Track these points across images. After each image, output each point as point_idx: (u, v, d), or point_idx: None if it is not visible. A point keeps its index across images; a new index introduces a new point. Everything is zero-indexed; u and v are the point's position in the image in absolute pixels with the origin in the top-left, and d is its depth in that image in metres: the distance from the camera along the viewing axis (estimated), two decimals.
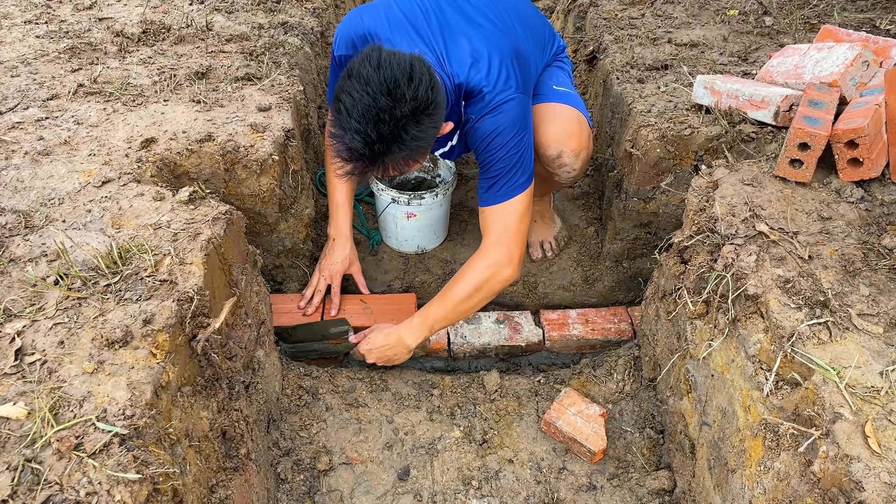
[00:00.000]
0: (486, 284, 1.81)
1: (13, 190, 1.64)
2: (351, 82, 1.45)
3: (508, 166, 1.73)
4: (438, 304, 1.87)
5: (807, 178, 1.64)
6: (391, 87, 1.42)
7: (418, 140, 1.49)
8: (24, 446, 1.04)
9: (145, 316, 1.27)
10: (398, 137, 1.46)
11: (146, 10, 2.75)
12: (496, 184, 1.75)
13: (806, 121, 1.63)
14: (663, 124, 1.98)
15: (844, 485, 1.07)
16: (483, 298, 1.85)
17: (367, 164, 1.51)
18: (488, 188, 1.77)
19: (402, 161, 1.53)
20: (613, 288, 2.37)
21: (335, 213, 2.14)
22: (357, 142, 1.45)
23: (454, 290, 1.84)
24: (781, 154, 1.66)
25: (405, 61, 1.45)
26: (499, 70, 1.70)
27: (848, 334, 1.27)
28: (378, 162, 1.50)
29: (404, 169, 1.60)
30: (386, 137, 1.45)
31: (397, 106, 1.43)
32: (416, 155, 1.54)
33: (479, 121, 1.71)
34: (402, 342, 1.91)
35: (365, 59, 1.46)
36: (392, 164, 1.53)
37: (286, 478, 1.77)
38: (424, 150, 1.57)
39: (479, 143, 1.73)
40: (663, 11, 2.79)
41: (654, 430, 1.88)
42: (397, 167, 1.56)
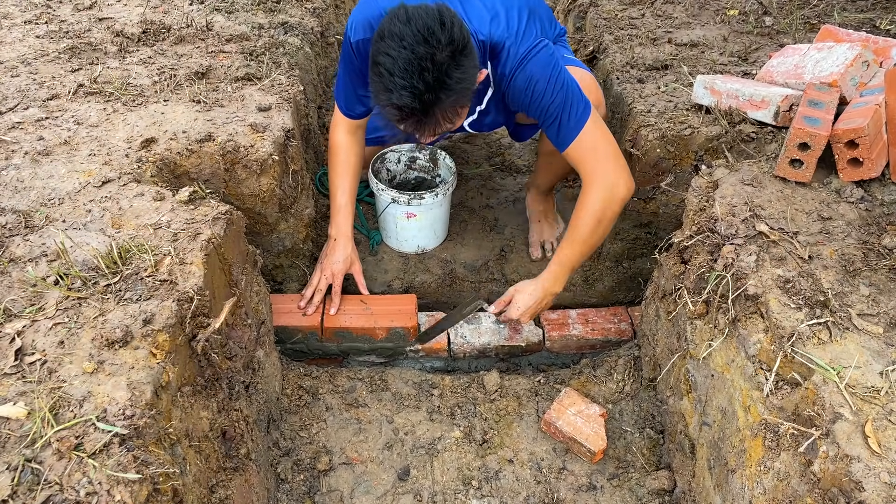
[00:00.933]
0: (607, 210, 1.83)
1: (13, 190, 1.64)
2: (385, 43, 1.46)
3: (561, 103, 1.74)
4: (568, 247, 1.91)
5: (807, 178, 1.64)
6: (426, 36, 1.43)
7: (462, 82, 1.50)
8: (24, 446, 1.04)
9: (145, 316, 1.27)
10: (444, 83, 1.46)
11: (146, 10, 2.75)
12: (560, 124, 1.77)
13: (806, 121, 1.63)
14: (663, 124, 1.98)
15: (844, 485, 1.07)
16: (609, 224, 1.87)
17: (420, 118, 1.52)
18: (557, 132, 1.79)
19: (450, 110, 1.54)
20: (613, 288, 2.37)
21: (337, 213, 2.13)
22: (406, 97, 1.46)
23: (578, 228, 1.87)
24: (781, 154, 1.66)
25: (432, 9, 1.47)
26: (518, 21, 1.73)
27: (848, 334, 1.27)
28: (430, 114, 1.51)
29: (454, 119, 1.60)
30: (433, 86, 1.45)
31: (437, 52, 1.44)
32: (463, 100, 1.55)
33: (512, 78, 1.73)
34: (549, 292, 1.97)
35: (392, 17, 1.48)
36: (442, 115, 1.53)
37: (286, 478, 1.77)
38: (470, 94, 1.58)
39: (523, 97, 1.75)
40: (663, 11, 2.79)
41: (654, 430, 1.88)
42: (447, 117, 1.56)
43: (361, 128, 2.13)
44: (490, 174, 2.80)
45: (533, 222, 2.48)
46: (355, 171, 2.14)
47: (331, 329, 2.10)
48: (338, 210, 2.13)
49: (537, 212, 2.48)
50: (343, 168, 2.11)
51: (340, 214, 2.13)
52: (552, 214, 2.48)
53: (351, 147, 2.10)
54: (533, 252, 2.43)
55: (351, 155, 2.11)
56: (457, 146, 2.98)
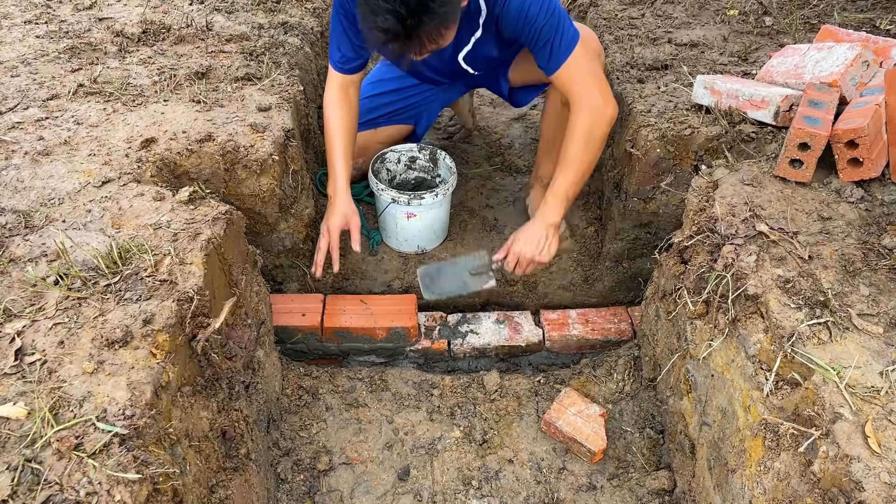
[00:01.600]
0: (596, 131, 1.86)
1: (13, 190, 1.64)
2: None
3: (553, 27, 1.79)
4: (561, 174, 1.92)
5: (807, 178, 1.64)
6: None
7: (445, 5, 1.53)
8: (24, 446, 1.04)
9: (145, 316, 1.27)
10: (426, 6, 1.49)
11: (146, 10, 2.75)
12: (552, 47, 1.81)
13: (806, 121, 1.63)
14: (663, 124, 1.98)
15: (844, 485, 1.07)
16: (598, 147, 1.90)
17: (404, 41, 1.55)
18: (548, 55, 1.83)
19: (434, 31, 1.57)
20: (613, 288, 2.37)
21: (332, 170, 2.10)
22: (389, 21, 1.49)
23: (569, 153, 1.89)
24: (781, 154, 1.66)
25: None
26: None
27: (848, 334, 1.27)
28: (413, 37, 1.54)
29: (439, 41, 1.62)
30: (414, 9, 1.48)
31: None
32: (446, 21, 1.58)
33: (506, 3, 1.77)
34: (547, 223, 1.95)
35: None
36: (427, 37, 1.56)
37: (286, 478, 1.77)
38: (453, 15, 1.60)
39: (516, 21, 1.79)
40: (663, 11, 2.79)
41: (654, 430, 1.88)
42: (432, 38, 1.59)
43: (355, 85, 2.11)
44: (490, 174, 2.80)
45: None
46: (349, 127, 2.11)
47: (331, 329, 2.10)
48: (332, 167, 2.10)
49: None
50: (336, 125, 2.09)
51: (335, 170, 2.10)
52: None
53: (343, 103, 2.08)
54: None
55: (344, 114, 2.09)
56: (457, 146, 2.98)
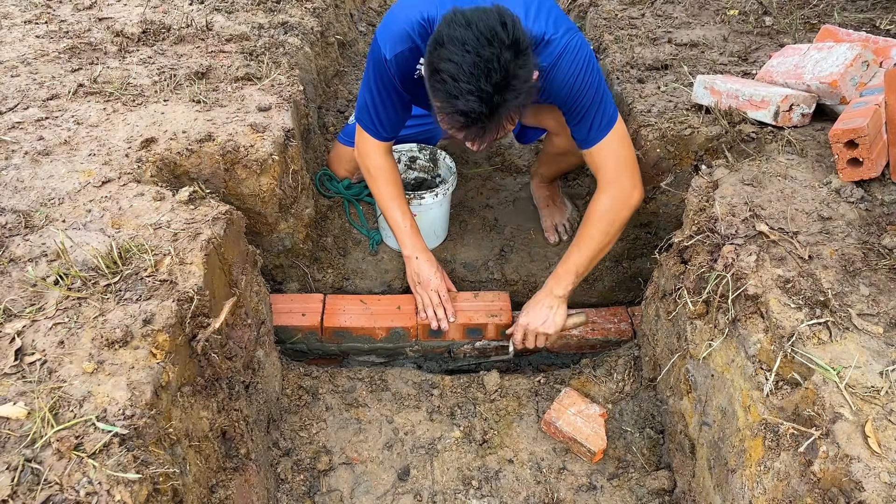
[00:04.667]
0: (617, 216, 1.85)
1: (13, 190, 1.64)
2: (447, 49, 1.42)
3: (597, 101, 1.74)
4: (576, 251, 1.91)
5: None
6: (490, 37, 1.40)
7: (527, 81, 1.47)
8: (24, 446, 1.04)
9: (145, 316, 1.27)
10: (510, 84, 1.43)
11: (146, 10, 2.75)
12: (592, 121, 1.76)
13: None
14: (663, 124, 1.98)
15: (844, 485, 1.07)
16: (617, 230, 1.89)
17: (486, 121, 1.48)
18: (588, 129, 1.78)
19: (514, 111, 1.51)
20: (613, 288, 2.37)
21: (405, 234, 2.07)
22: (473, 101, 1.42)
23: (587, 232, 1.88)
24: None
25: (492, 10, 1.44)
26: (557, 16, 1.72)
27: (848, 334, 1.27)
28: (495, 117, 1.47)
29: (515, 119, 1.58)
30: (500, 86, 1.42)
31: (501, 53, 1.40)
32: (527, 99, 1.51)
33: (554, 67, 1.70)
34: (553, 296, 1.95)
35: (451, 23, 1.44)
36: (506, 117, 1.51)
37: (286, 478, 1.77)
38: (533, 94, 1.54)
39: (562, 87, 1.72)
40: (663, 11, 2.79)
41: (654, 430, 1.88)
42: (511, 119, 1.55)
43: (391, 147, 2.09)
44: (490, 174, 2.80)
45: (542, 207, 2.50)
46: (401, 187, 2.10)
47: (331, 329, 2.10)
48: (407, 231, 2.07)
49: (544, 197, 2.49)
50: (394, 189, 2.06)
51: (410, 235, 2.08)
52: (559, 197, 2.50)
53: (394, 168, 2.08)
54: (549, 237, 2.44)
55: (396, 175, 2.08)
56: (457, 141, 2.98)
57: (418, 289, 2.10)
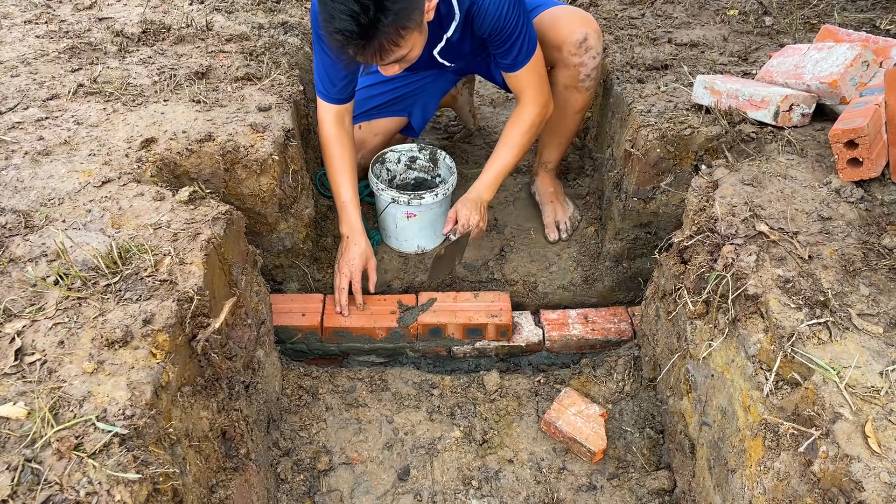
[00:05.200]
0: (538, 123, 2.13)
1: (13, 190, 1.64)
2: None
3: (521, 32, 1.92)
4: (502, 155, 2.14)
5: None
6: None
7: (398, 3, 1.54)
8: (24, 446, 1.04)
9: (145, 316, 1.27)
10: (380, 4, 1.50)
11: (146, 10, 2.75)
12: (517, 51, 1.96)
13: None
14: (663, 124, 1.98)
15: (844, 485, 1.07)
16: (535, 135, 2.17)
17: (362, 43, 1.56)
18: (514, 57, 1.98)
19: (392, 31, 1.58)
20: (613, 288, 2.37)
21: (344, 210, 2.14)
22: (345, 21, 1.51)
23: (514, 137, 2.12)
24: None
25: None
26: None
27: (848, 334, 1.27)
28: (371, 37, 1.55)
29: (399, 42, 1.64)
30: (367, 6, 1.49)
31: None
32: (403, 21, 1.59)
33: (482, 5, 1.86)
34: (482, 200, 2.15)
35: None
36: (386, 39, 1.58)
37: (286, 478, 1.77)
38: (410, 16, 1.62)
39: (492, 22, 1.89)
40: (663, 11, 2.79)
41: (654, 430, 1.88)
42: (391, 40, 1.60)
43: (348, 113, 2.14)
44: None
45: (545, 204, 2.51)
46: (352, 162, 2.14)
47: (330, 329, 2.10)
48: (343, 207, 2.13)
49: (548, 193, 2.50)
50: (339, 162, 2.12)
51: (347, 211, 2.13)
52: (561, 196, 2.51)
53: (342, 138, 2.11)
54: (550, 234, 2.44)
55: (345, 147, 2.12)
56: (457, 146, 2.98)
57: (338, 267, 2.15)
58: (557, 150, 2.44)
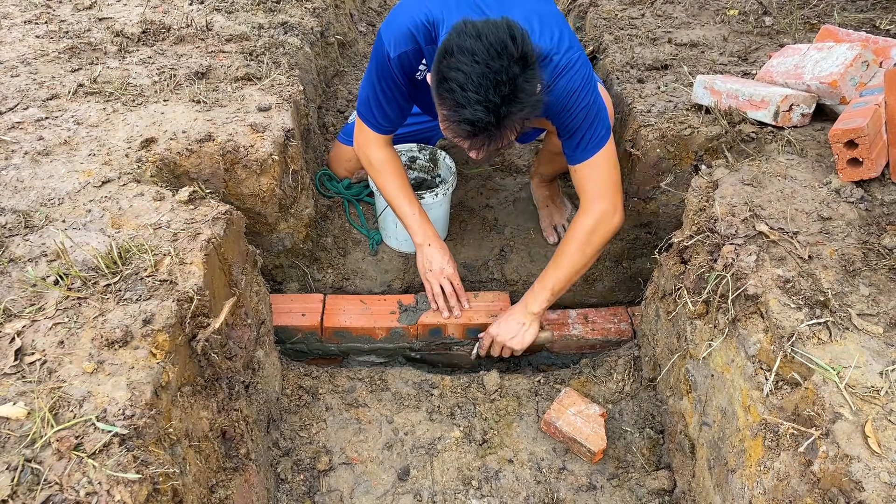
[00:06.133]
0: (596, 237, 1.88)
1: (13, 190, 1.64)
2: (455, 58, 1.44)
3: (590, 120, 1.77)
4: (553, 269, 1.94)
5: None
6: (500, 50, 1.42)
7: (533, 95, 1.49)
8: (24, 446, 1.04)
9: (145, 316, 1.27)
10: (516, 96, 1.45)
11: (146, 10, 2.75)
12: (582, 140, 1.79)
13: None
14: (663, 124, 1.98)
15: (844, 485, 1.07)
16: (595, 251, 1.92)
17: (492, 131, 1.50)
18: (576, 146, 1.81)
19: (519, 123, 1.53)
20: (613, 288, 2.37)
21: (414, 222, 2.07)
22: (480, 112, 1.44)
23: (565, 251, 1.91)
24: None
25: (502, 23, 1.46)
26: (560, 33, 1.73)
27: (848, 334, 1.27)
28: (501, 127, 1.50)
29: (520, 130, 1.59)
30: (508, 98, 1.44)
31: (510, 66, 1.42)
32: (532, 112, 1.53)
33: (553, 84, 1.72)
34: (528, 312, 1.98)
35: (461, 33, 1.46)
36: (511, 128, 1.53)
37: (286, 478, 1.77)
38: (538, 107, 1.56)
39: (557, 104, 1.75)
40: (663, 11, 2.79)
41: (654, 430, 1.88)
42: (515, 130, 1.56)
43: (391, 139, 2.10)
44: (490, 174, 2.80)
45: (541, 207, 2.51)
46: (405, 177, 2.10)
47: (330, 329, 2.10)
48: (416, 219, 2.07)
49: (544, 197, 2.51)
50: (399, 180, 2.06)
51: (420, 223, 2.07)
52: (559, 197, 2.51)
53: (396, 159, 2.08)
54: (548, 237, 2.45)
55: (399, 165, 2.08)
56: (457, 146, 2.97)
57: (429, 276, 2.09)
58: (552, 169, 2.43)
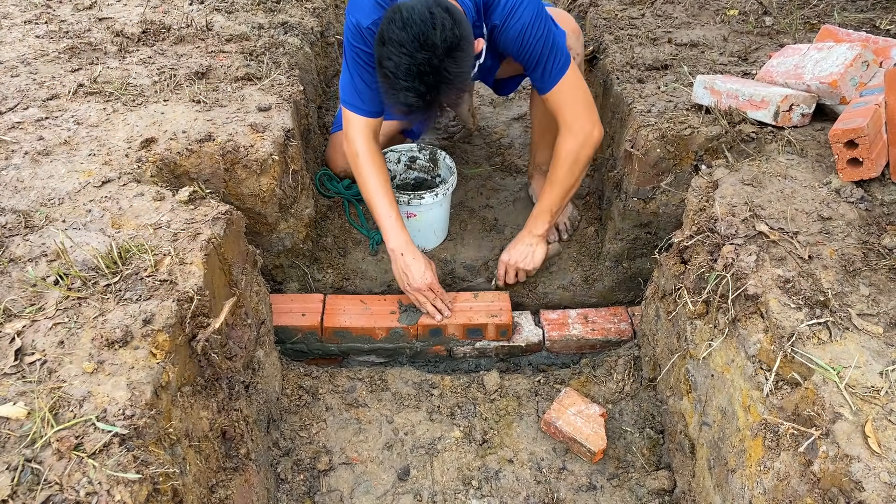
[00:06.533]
0: (581, 155, 2.01)
1: (13, 190, 1.64)
2: (387, 48, 1.61)
3: (549, 49, 1.89)
4: (547, 193, 2.09)
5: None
6: (422, 42, 1.57)
7: (461, 74, 1.66)
8: (24, 446, 1.04)
9: (145, 316, 1.27)
10: (443, 80, 1.62)
11: (146, 10, 2.75)
12: (546, 68, 1.92)
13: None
14: (663, 124, 1.98)
15: (844, 485, 1.07)
16: (583, 168, 2.06)
17: (425, 111, 1.69)
18: (541, 76, 1.94)
19: (453, 97, 1.71)
20: (613, 288, 2.37)
21: (389, 226, 2.03)
22: (411, 98, 1.63)
23: (555, 174, 2.05)
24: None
25: (424, 12, 1.59)
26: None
27: (848, 334, 1.27)
28: (433, 107, 1.69)
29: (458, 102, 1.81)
30: (433, 85, 1.62)
31: (433, 55, 1.58)
32: (462, 86, 1.72)
33: (504, 25, 1.86)
34: (533, 235, 2.14)
35: (390, 22, 1.61)
36: (447, 101, 1.71)
37: (286, 478, 1.77)
38: (468, 79, 1.76)
39: (514, 42, 1.88)
40: (663, 11, 2.79)
41: (654, 430, 1.88)
42: (451, 104, 1.75)
43: (378, 129, 2.08)
44: (490, 174, 2.80)
45: None
46: (387, 177, 2.08)
47: (330, 329, 2.10)
48: (392, 222, 2.04)
49: None
50: (380, 178, 2.03)
51: (396, 226, 2.04)
52: None
53: (378, 154, 2.06)
54: (549, 237, 2.43)
55: (382, 162, 2.07)
56: (457, 146, 2.98)
57: (409, 290, 2.08)
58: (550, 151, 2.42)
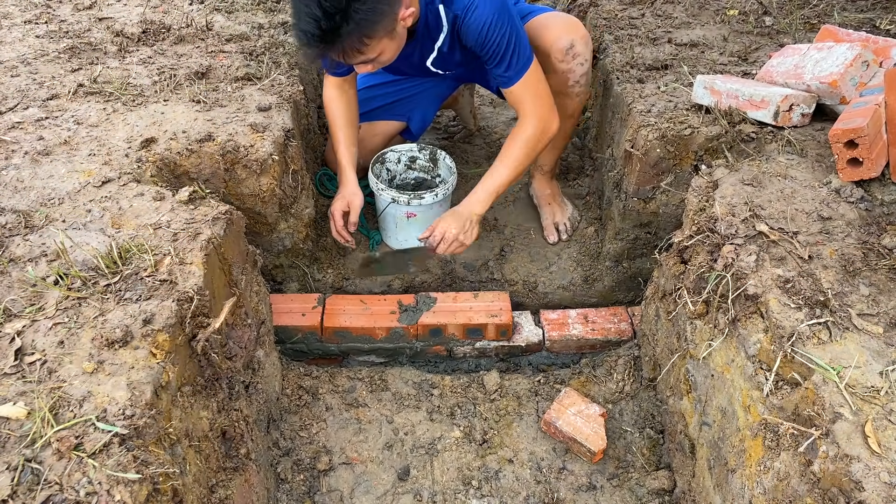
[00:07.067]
0: (540, 142, 2.05)
1: (13, 190, 1.64)
2: None
3: (512, 46, 1.88)
4: (499, 170, 2.06)
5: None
6: None
7: (362, 13, 1.58)
8: (24, 446, 1.04)
9: (145, 316, 1.27)
10: (343, 12, 1.55)
11: (146, 9, 2.75)
12: (508, 64, 1.92)
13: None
14: (663, 124, 1.98)
15: (844, 485, 1.07)
16: (536, 155, 2.10)
17: (323, 45, 1.62)
18: (504, 71, 1.94)
19: (356, 39, 1.63)
20: (613, 288, 2.37)
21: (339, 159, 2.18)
22: (308, 23, 1.57)
23: (512, 154, 2.04)
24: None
25: None
26: None
27: (848, 334, 1.27)
28: (332, 42, 1.61)
29: (363, 49, 1.68)
30: (331, 13, 1.54)
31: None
32: (366, 30, 1.63)
33: (464, 17, 1.85)
34: (472, 212, 2.07)
35: None
36: (348, 44, 1.63)
37: (286, 478, 1.77)
38: (377, 24, 1.65)
39: (476, 36, 1.87)
40: (663, 11, 2.79)
41: (654, 430, 1.88)
42: (354, 46, 1.65)
43: (350, 82, 2.19)
44: None
45: (543, 206, 2.51)
46: (349, 118, 2.19)
47: (330, 329, 2.10)
48: (339, 157, 2.19)
49: (545, 195, 2.50)
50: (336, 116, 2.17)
51: (342, 161, 2.18)
52: (559, 197, 2.51)
53: (341, 97, 2.17)
54: (549, 236, 2.45)
55: (342, 103, 2.18)
56: (457, 146, 2.98)
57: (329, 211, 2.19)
58: (551, 153, 2.43)
